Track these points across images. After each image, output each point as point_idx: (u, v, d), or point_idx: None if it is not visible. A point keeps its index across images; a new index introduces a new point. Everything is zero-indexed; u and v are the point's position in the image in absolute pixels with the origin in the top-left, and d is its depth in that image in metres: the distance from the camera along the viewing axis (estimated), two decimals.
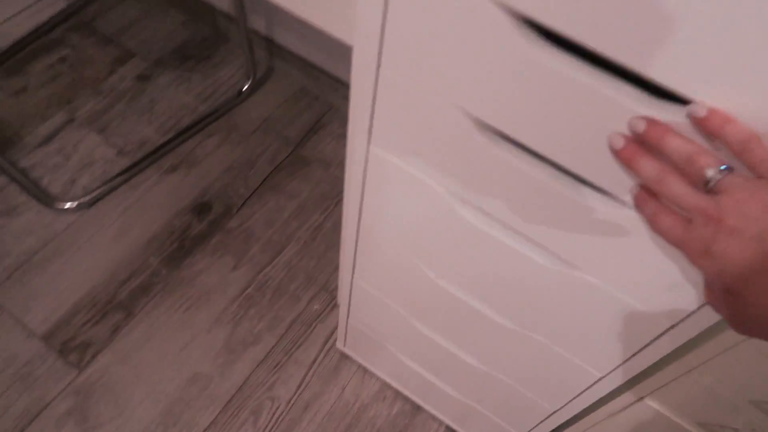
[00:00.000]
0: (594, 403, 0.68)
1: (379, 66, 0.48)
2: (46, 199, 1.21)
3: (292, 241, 1.23)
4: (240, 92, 1.39)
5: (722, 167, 0.36)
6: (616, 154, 0.41)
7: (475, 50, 0.41)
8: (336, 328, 1.15)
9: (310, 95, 1.43)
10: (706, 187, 0.36)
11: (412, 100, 0.48)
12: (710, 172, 0.36)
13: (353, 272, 0.79)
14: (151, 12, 1.52)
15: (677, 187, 0.38)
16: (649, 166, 0.39)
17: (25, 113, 1.32)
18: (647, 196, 0.41)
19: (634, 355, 0.55)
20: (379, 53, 0.47)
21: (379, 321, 0.87)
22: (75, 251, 1.17)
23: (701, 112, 0.36)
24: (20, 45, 1.41)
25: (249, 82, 1.40)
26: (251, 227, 1.24)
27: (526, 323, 0.63)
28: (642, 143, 0.39)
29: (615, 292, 0.50)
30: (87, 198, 1.21)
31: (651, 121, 0.38)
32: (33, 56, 1.41)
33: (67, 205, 1.20)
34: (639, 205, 0.42)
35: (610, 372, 0.59)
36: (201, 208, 1.24)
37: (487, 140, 0.47)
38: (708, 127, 0.36)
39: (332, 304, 1.18)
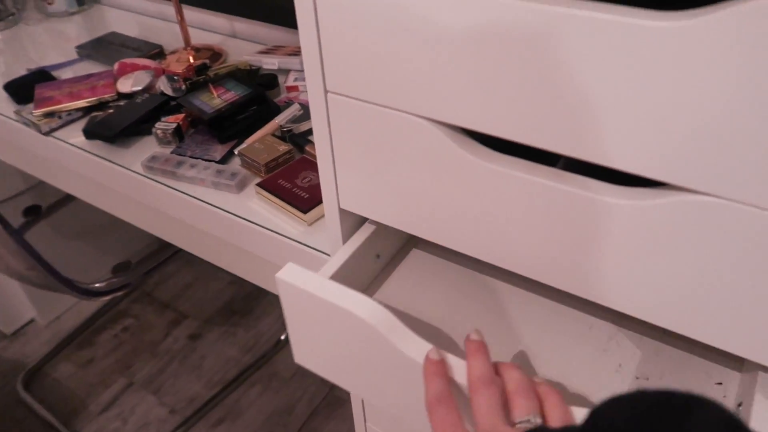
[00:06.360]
0: None
1: None
2: None
3: None
4: (278, 341, 1.54)
5: (538, 418, 0.39)
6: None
7: None
8: None
9: None
10: (515, 424, 0.38)
11: None
12: (534, 418, 0.38)
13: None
14: (202, 276, 1.75)
15: (490, 399, 0.39)
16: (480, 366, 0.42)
17: (91, 382, 1.48)
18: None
19: None
20: None
21: None
22: None
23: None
24: (91, 320, 1.62)
25: (286, 331, 1.54)
26: None
27: None
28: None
29: None
30: None
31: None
32: (102, 328, 1.61)
33: None
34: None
35: None
36: None
37: None
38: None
39: None
